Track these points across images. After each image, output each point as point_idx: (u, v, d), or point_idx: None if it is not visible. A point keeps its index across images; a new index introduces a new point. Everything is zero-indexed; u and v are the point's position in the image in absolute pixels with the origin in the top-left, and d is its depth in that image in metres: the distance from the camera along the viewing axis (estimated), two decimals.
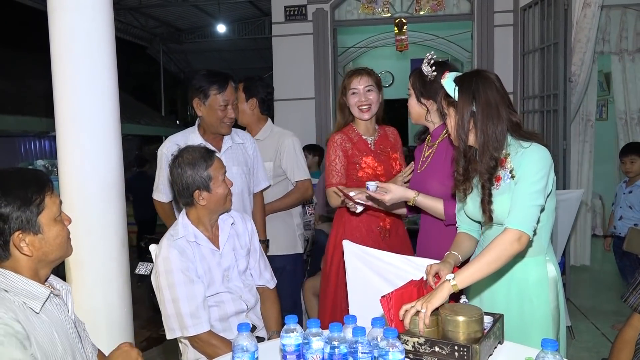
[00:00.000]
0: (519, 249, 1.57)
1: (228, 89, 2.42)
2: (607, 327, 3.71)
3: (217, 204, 1.95)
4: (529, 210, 1.57)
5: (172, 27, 9.99)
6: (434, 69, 1.99)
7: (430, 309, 1.49)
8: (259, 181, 2.69)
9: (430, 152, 2.12)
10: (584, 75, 4.36)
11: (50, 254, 1.33)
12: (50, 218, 1.31)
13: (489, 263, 1.57)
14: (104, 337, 2.11)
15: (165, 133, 11.65)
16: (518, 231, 1.55)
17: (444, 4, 5.50)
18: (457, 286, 1.54)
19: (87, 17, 2.03)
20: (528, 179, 1.58)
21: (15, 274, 1.29)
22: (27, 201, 1.27)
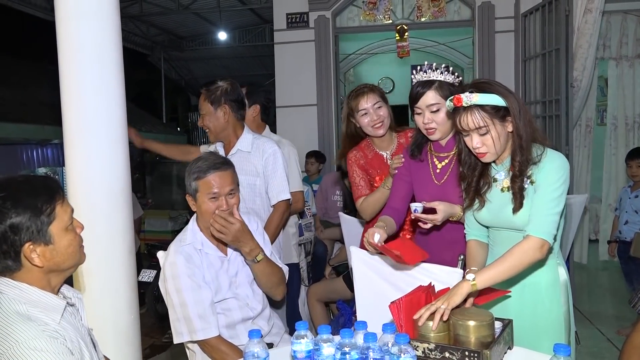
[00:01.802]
0: (541, 257, 1.59)
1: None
2: (611, 332, 3.69)
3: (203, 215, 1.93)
4: (550, 218, 1.59)
5: (173, 35, 10.03)
6: (456, 74, 1.95)
7: (452, 305, 1.51)
8: (273, 194, 2.53)
9: (447, 164, 2.04)
10: (585, 80, 4.37)
11: (62, 264, 1.31)
12: (61, 228, 1.28)
13: (510, 268, 1.58)
14: (112, 344, 2.11)
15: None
16: (540, 239, 1.57)
17: (445, 10, 5.53)
18: (476, 286, 1.55)
19: (95, 26, 2.04)
20: (549, 187, 1.60)
21: (30, 287, 1.27)
22: (37, 211, 1.24)
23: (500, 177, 1.71)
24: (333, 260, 3.73)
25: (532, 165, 1.64)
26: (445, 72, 1.92)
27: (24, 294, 1.26)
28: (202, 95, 2.50)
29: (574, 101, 4.31)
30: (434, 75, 1.92)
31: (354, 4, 5.70)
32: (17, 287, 1.26)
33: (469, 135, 1.64)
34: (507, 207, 1.67)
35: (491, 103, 1.59)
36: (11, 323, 1.20)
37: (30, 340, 1.17)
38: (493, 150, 1.63)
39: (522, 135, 1.60)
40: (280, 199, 2.52)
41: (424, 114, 1.94)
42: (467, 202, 1.78)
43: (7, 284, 1.26)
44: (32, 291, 1.27)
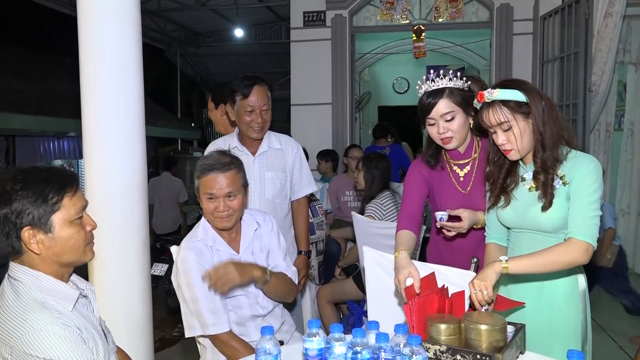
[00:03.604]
0: (585, 261, 1.58)
1: (253, 93, 2.40)
2: (624, 340, 3.66)
3: (205, 214, 1.95)
4: (592, 221, 1.58)
5: (190, 31, 10.09)
6: (465, 79, 1.89)
7: (490, 286, 1.53)
8: (301, 187, 2.61)
9: (469, 170, 2.00)
10: (604, 85, 4.33)
11: (62, 256, 1.30)
12: (65, 219, 1.29)
13: (547, 263, 1.58)
14: (124, 336, 2.12)
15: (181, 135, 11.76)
16: (585, 242, 1.57)
17: (462, 11, 5.50)
18: (507, 268, 1.56)
19: (116, 21, 2.07)
20: (587, 189, 1.59)
21: (45, 275, 1.29)
22: (42, 198, 1.25)
23: (529, 177, 1.70)
24: (341, 262, 3.73)
25: (558, 164, 1.63)
26: (454, 77, 1.86)
27: (40, 282, 1.28)
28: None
29: (592, 106, 4.27)
30: (443, 82, 1.84)
31: (371, 3, 5.69)
32: (34, 275, 1.28)
33: (495, 133, 1.65)
34: (534, 207, 1.66)
35: (512, 98, 1.59)
36: (29, 310, 1.23)
37: (45, 326, 1.20)
38: (517, 146, 1.63)
39: (542, 132, 1.60)
40: (306, 193, 2.64)
41: (438, 124, 1.87)
42: (492, 200, 1.77)
43: (25, 272, 1.29)
44: (48, 279, 1.29)
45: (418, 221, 2.00)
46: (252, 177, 2.46)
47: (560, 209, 1.62)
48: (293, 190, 2.62)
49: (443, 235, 1.99)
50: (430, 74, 1.89)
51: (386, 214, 3.12)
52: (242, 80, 2.43)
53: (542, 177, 1.64)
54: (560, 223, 1.63)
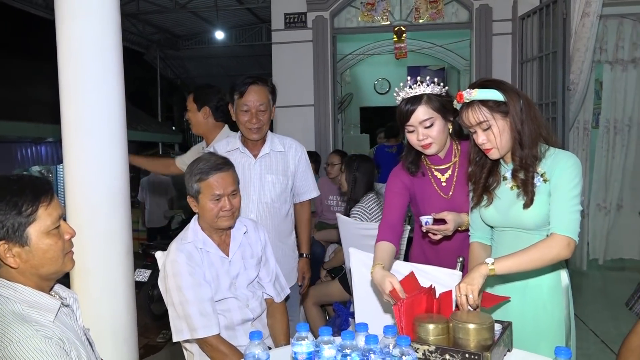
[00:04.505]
0: (567, 256, 1.61)
1: (250, 92, 2.37)
2: (605, 334, 3.71)
3: (205, 216, 1.93)
4: (573, 216, 1.60)
5: (169, 34, 9.99)
6: (442, 85, 1.89)
7: (476, 290, 1.54)
8: (307, 190, 2.61)
9: (450, 175, 2.00)
10: (582, 84, 4.39)
11: (40, 268, 1.26)
12: (41, 230, 1.24)
13: (532, 261, 1.60)
14: (109, 344, 2.10)
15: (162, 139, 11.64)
16: (567, 237, 1.59)
17: (442, 12, 5.55)
18: (494, 270, 1.57)
19: (96, 24, 2.03)
20: (567, 185, 1.61)
21: (24, 287, 1.25)
22: (16, 210, 1.21)
23: (509, 175, 1.72)
24: (327, 264, 3.72)
25: (537, 161, 1.65)
26: (432, 84, 1.86)
27: (19, 294, 1.24)
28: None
29: (570, 104, 4.33)
30: (421, 89, 1.84)
31: (352, 4, 5.70)
32: (12, 287, 1.25)
33: (476, 132, 1.67)
34: (516, 205, 1.68)
35: (491, 98, 1.61)
36: (7, 323, 1.19)
37: (25, 339, 1.16)
38: (497, 145, 1.64)
39: (520, 131, 1.62)
40: (310, 197, 2.63)
41: (418, 131, 1.87)
42: (475, 199, 1.78)
43: (3, 285, 1.25)
44: (27, 291, 1.25)
45: (399, 232, 2.00)
46: (252, 179, 2.44)
47: (541, 206, 1.64)
48: (297, 192, 2.60)
49: (429, 239, 2.00)
50: (408, 80, 1.89)
51: (372, 216, 3.12)
52: (243, 79, 2.41)
53: (522, 175, 1.66)
54: (542, 220, 1.65)
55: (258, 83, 2.40)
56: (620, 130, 5.41)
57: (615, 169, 5.42)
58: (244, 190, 2.00)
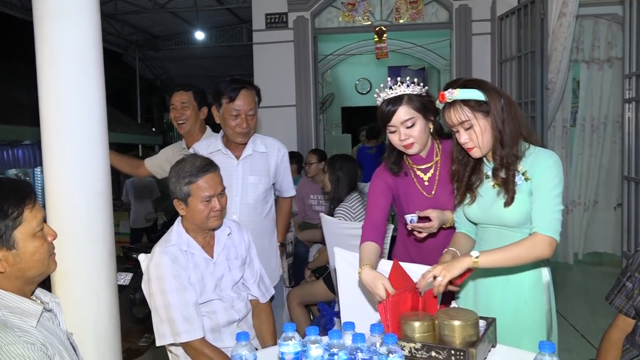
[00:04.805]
0: (549, 255, 1.63)
1: (240, 97, 2.37)
2: (585, 328, 3.78)
3: (195, 219, 1.92)
4: (555, 216, 1.63)
5: (148, 34, 9.89)
6: (422, 85, 1.90)
7: (447, 277, 1.56)
8: (287, 188, 2.70)
9: (433, 174, 2.02)
10: (560, 83, 4.46)
11: (27, 271, 1.26)
12: (27, 233, 1.24)
13: (515, 257, 1.62)
14: (92, 348, 2.07)
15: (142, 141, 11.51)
16: (549, 237, 1.61)
17: (422, 12, 5.58)
18: (477, 263, 1.59)
19: (76, 25, 2.00)
20: (548, 184, 1.63)
21: (5, 292, 1.24)
22: (2, 213, 1.20)
23: (492, 174, 1.74)
24: (311, 264, 3.73)
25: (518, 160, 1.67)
26: (412, 84, 1.87)
27: (1, 300, 1.22)
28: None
29: (549, 103, 4.39)
30: (401, 89, 1.85)
31: (333, 5, 5.71)
32: None
33: (458, 131, 1.68)
34: (497, 203, 1.70)
35: (472, 97, 1.63)
36: None
37: (6, 346, 1.14)
38: (479, 144, 1.66)
39: (501, 130, 1.64)
40: (290, 195, 2.74)
41: (399, 131, 1.88)
42: (459, 197, 1.81)
43: None
44: (7, 297, 1.23)
45: (382, 232, 2.01)
46: (234, 181, 2.43)
47: (522, 205, 1.66)
48: (279, 189, 2.67)
49: (414, 237, 2.01)
50: (388, 81, 1.90)
51: (355, 216, 3.13)
52: (230, 83, 2.38)
53: (503, 174, 1.68)
54: (523, 218, 1.67)
55: (247, 87, 2.40)
56: (596, 128, 5.51)
57: (592, 166, 5.53)
58: (227, 191, 1.99)
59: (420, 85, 1.89)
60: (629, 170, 3.39)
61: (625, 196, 3.52)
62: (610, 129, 5.46)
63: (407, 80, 1.87)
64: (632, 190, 3.40)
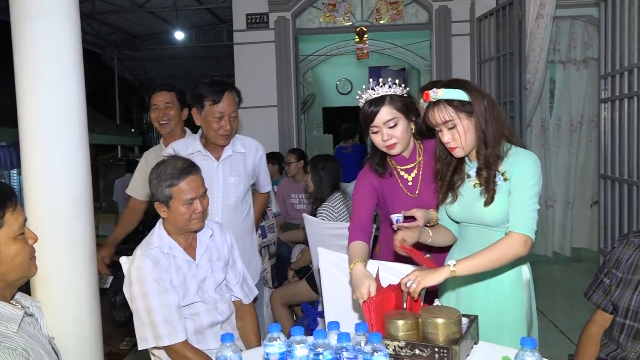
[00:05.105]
0: (525, 253, 1.65)
1: (224, 100, 2.35)
2: (564, 325, 3.84)
3: (176, 221, 1.90)
4: (531, 214, 1.65)
5: (127, 34, 9.79)
6: (403, 86, 1.91)
7: (421, 285, 1.56)
8: (266, 184, 2.75)
9: (416, 174, 2.04)
10: (538, 83, 4.54)
11: (8, 275, 1.24)
12: (8, 236, 1.22)
13: (492, 260, 1.63)
14: (73, 352, 2.05)
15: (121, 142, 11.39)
16: (524, 235, 1.63)
17: (403, 13, 5.63)
18: (455, 272, 1.60)
19: (54, 25, 1.97)
20: (526, 184, 1.65)
21: None
22: None
23: (474, 173, 1.76)
24: (294, 264, 3.73)
25: (500, 160, 1.69)
26: (394, 85, 1.88)
27: None
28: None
29: (527, 103, 4.47)
30: (383, 90, 1.86)
31: (313, 5, 5.71)
32: None
33: (441, 131, 1.70)
34: (478, 202, 1.72)
35: (456, 97, 1.65)
36: None
37: None
38: (461, 144, 1.68)
39: (484, 130, 1.66)
40: (267, 190, 2.79)
41: (382, 132, 1.89)
42: (441, 196, 1.83)
43: None
44: None
45: (369, 232, 2.01)
46: (215, 182, 2.42)
47: (502, 204, 1.69)
48: (258, 185, 2.70)
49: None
50: (370, 82, 1.91)
51: (338, 216, 3.14)
52: (213, 86, 2.36)
53: (485, 174, 1.70)
54: (502, 217, 1.70)
55: (230, 89, 2.39)
56: (573, 128, 5.62)
57: (568, 164, 5.63)
58: (208, 193, 1.98)
59: (401, 86, 1.90)
60: (605, 169, 3.46)
61: (601, 194, 3.59)
62: (586, 128, 5.57)
63: (388, 81, 1.89)
64: (608, 188, 3.47)
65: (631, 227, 3.14)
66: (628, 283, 1.71)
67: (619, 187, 3.25)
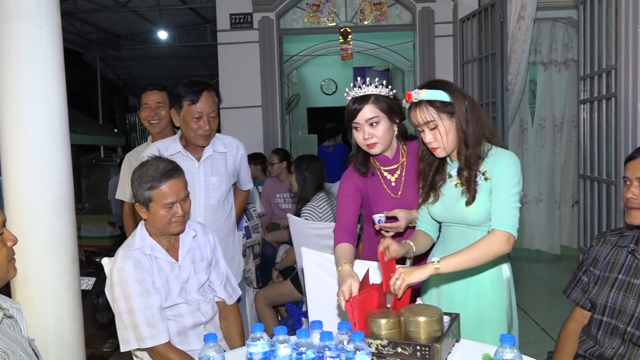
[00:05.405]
0: (507, 250, 1.67)
1: (202, 100, 2.33)
2: (546, 322, 3.89)
3: (156, 223, 1.89)
4: (513, 212, 1.67)
5: (109, 33, 9.68)
6: (390, 87, 1.94)
7: (406, 282, 1.58)
8: (247, 182, 2.77)
9: (399, 175, 2.05)
10: (519, 84, 4.59)
11: None
12: None
13: (475, 258, 1.65)
14: (53, 354, 2.03)
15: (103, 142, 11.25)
16: (506, 233, 1.65)
17: (386, 14, 5.66)
18: (439, 269, 1.62)
19: (35, 25, 1.95)
20: (507, 183, 1.68)
21: None
22: None
23: (455, 173, 1.78)
24: (279, 264, 3.73)
25: (480, 160, 1.71)
26: (380, 85, 1.91)
27: None
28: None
29: (509, 104, 4.52)
30: (369, 89, 1.89)
31: (297, 5, 5.72)
32: None
33: (423, 131, 1.72)
34: (459, 202, 1.75)
35: (437, 98, 1.67)
36: None
37: None
38: (443, 144, 1.70)
39: (465, 131, 1.68)
40: (249, 188, 2.81)
41: (364, 129, 1.91)
42: (423, 196, 1.85)
43: None
44: None
45: (354, 234, 2.03)
46: (196, 183, 2.41)
47: (483, 204, 1.71)
48: (239, 184, 2.72)
49: (381, 236, 2.04)
50: (357, 80, 1.93)
51: (322, 215, 3.15)
52: (191, 86, 2.34)
53: (466, 174, 1.73)
54: (483, 217, 1.72)
55: (208, 89, 2.37)
56: (554, 128, 5.70)
57: (550, 164, 5.71)
58: (190, 194, 1.96)
59: (388, 88, 1.93)
60: (584, 169, 3.52)
61: (581, 193, 3.64)
62: (567, 129, 5.65)
63: (375, 81, 1.91)
64: (587, 188, 3.52)
65: (609, 226, 3.20)
66: (605, 281, 1.74)
67: (597, 186, 3.31)
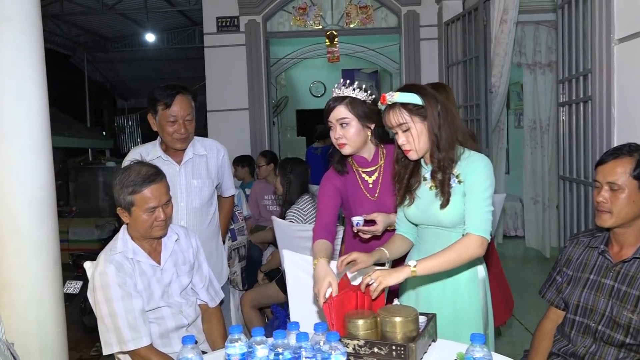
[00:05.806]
0: (481, 254, 1.71)
1: (176, 103, 2.33)
2: (529, 322, 3.94)
3: (138, 228, 1.90)
4: (486, 216, 1.71)
5: (97, 35, 9.64)
6: (369, 92, 1.98)
7: (383, 284, 1.61)
8: (229, 187, 2.74)
9: (377, 177, 2.10)
10: (502, 86, 4.64)
11: None
12: None
13: (449, 261, 1.69)
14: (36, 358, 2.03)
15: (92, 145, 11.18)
16: (480, 237, 1.69)
17: (372, 17, 5.71)
18: (416, 272, 1.65)
19: (14, 28, 1.96)
20: (479, 187, 1.72)
21: None
22: None
23: (429, 176, 1.82)
24: (264, 267, 3.75)
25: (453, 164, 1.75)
26: (358, 89, 1.96)
27: None
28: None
29: (493, 106, 4.57)
30: (348, 91, 1.96)
31: (284, 9, 5.75)
32: None
33: (397, 133, 1.76)
34: (434, 205, 1.78)
35: (410, 101, 1.71)
36: None
37: None
38: (415, 146, 1.74)
39: (437, 134, 1.72)
40: (231, 194, 2.79)
41: (335, 128, 1.98)
42: (399, 199, 1.88)
43: None
44: None
45: (333, 233, 2.06)
46: (178, 186, 2.42)
47: (457, 206, 1.75)
48: (222, 189, 2.70)
49: (359, 238, 2.08)
50: (341, 81, 1.99)
51: (307, 218, 3.17)
52: (165, 90, 2.35)
53: (440, 177, 1.76)
54: (458, 219, 1.76)
55: (183, 92, 2.37)
56: (543, 130, 5.76)
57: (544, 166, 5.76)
58: (172, 198, 1.98)
59: (367, 92, 1.97)
60: (564, 170, 3.57)
61: (561, 195, 3.69)
62: (553, 130, 5.71)
63: (355, 84, 1.96)
64: (567, 190, 3.57)
65: (588, 227, 3.25)
66: (578, 281, 1.78)
67: (576, 188, 3.36)
